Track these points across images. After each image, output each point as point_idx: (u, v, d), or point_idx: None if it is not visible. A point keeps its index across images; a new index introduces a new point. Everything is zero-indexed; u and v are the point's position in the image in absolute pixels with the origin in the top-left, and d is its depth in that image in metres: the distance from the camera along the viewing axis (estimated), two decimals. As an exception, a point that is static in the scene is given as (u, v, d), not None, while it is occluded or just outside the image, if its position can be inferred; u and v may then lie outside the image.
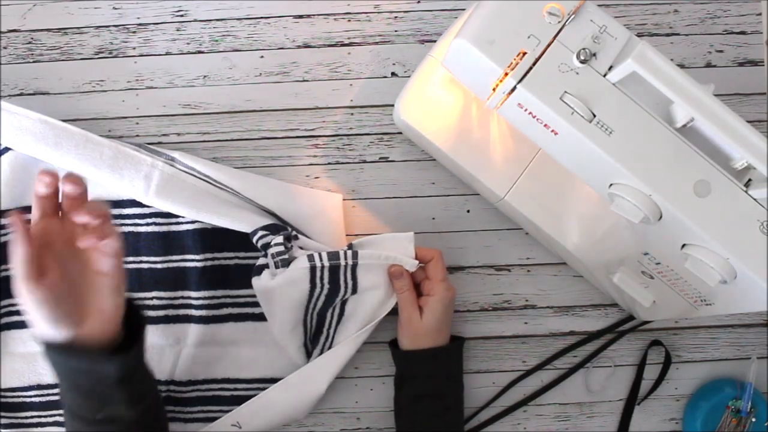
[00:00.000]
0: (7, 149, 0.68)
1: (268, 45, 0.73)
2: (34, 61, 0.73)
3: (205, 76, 0.73)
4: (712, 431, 0.69)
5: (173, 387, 0.69)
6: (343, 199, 0.70)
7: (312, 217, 0.69)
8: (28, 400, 0.68)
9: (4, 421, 0.68)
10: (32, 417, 0.68)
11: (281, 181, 0.70)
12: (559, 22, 0.49)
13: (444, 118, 0.67)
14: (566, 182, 0.67)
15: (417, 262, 0.65)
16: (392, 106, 0.72)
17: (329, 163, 0.72)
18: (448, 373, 0.66)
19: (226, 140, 0.72)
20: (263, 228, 0.64)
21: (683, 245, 0.51)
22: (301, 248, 0.66)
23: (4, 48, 0.73)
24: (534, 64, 0.49)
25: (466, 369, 0.71)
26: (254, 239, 0.65)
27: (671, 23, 0.74)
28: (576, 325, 0.72)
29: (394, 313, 0.66)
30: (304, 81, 0.73)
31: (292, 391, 0.66)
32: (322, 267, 0.63)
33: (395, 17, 0.74)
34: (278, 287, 0.63)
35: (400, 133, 0.73)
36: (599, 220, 0.65)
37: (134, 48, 0.73)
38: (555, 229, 0.67)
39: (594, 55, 0.48)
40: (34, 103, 0.72)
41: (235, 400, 0.68)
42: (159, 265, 0.69)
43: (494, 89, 0.51)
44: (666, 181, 0.48)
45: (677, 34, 0.74)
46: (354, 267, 0.64)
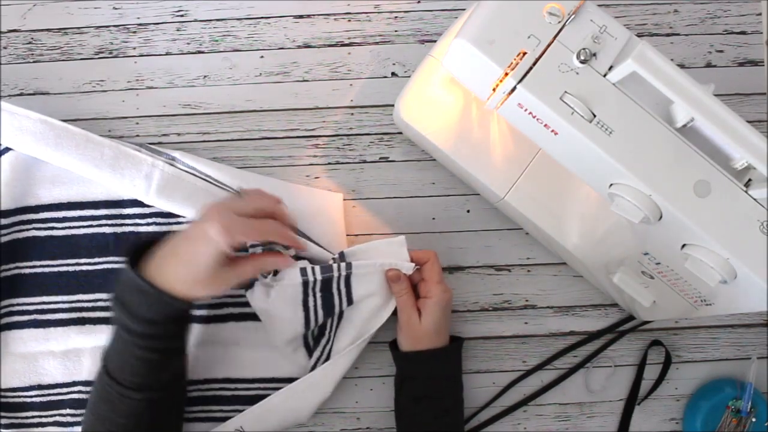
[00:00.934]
0: (7, 149, 0.68)
1: (268, 45, 0.73)
2: (34, 61, 0.73)
3: (205, 76, 0.73)
4: (712, 431, 0.69)
5: None
6: (344, 199, 0.70)
7: (312, 217, 0.69)
8: (28, 400, 0.68)
9: (4, 421, 0.68)
10: (33, 417, 0.68)
11: (282, 181, 0.70)
12: (559, 22, 0.49)
13: (444, 118, 0.67)
14: (566, 182, 0.67)
15: (413, 264, 0.65)
16: (392, 106, 0.72)
17: (329, 163, 0.73)
18: (447, 374, 0.66)
19: (227, 140, 0.72)
20: None
21: (683, 245, 0.51)
22: (295, 257, 0.65)
23: (4, 48, 0.73)
24: (534, 64, 0.49)
25: (466, 369, 0.71)
26: (247, 244, 0.65)
27: (671, 23, 0.74)
28: (576, 325, 0.72)
29: (394, 314, 0.66)
30: (304, 81, 0.73)
31: (297, 396, 0.66)
32: (315, 281, 0.63)
33: (395, 17, 0.74)
34: (272, 306, 0.64)
35: (400, 133, 0.73)
36: (599, 220, 0.65)
37: (134, 48, 0.73)
38: (555, 229, 0.67)
39: (594, 55, 0.48)
40: (34, 103, 0.72)
41: (236, 400, 0.68)
42: None
43: (494, 89, 0.51)
44: (666, 181, 0.48)
45: (677, 34, 0.74)
46: (348, 277, 0.64)
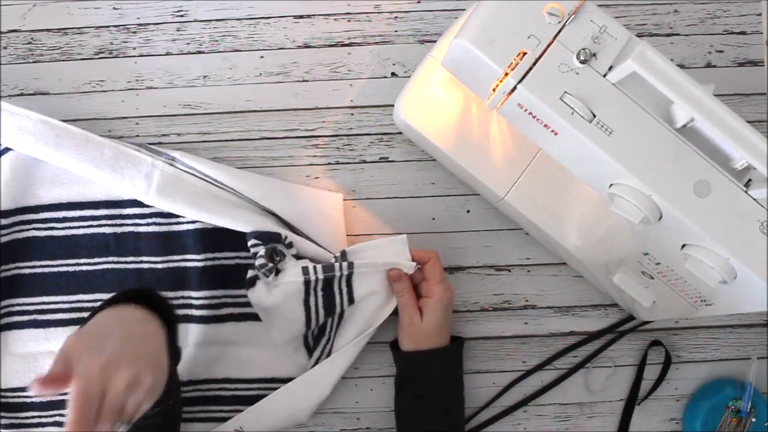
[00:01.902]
0: (7, 149, 0.68)
1: (268, 45, 0.73)
2: (34, 61, 0.73)
3: (205, 77, 0.73)
4: (712, 431, 0.69)
5: None
6: (344, 199, 0.70)
7: (312, 217, 0.69)
8: (28, 400, 0.68)
9: (4, 421, 0.68)
10: (33, 417, 0.68)
11: (282, 181, 0.70)
12: (559, 22, 0.49)
13: (444, 118, 0.67)
14: (566, 182, 0.67)
15: (414, 264, 0.65)
16: (392, 106, 0.72)
17: (329, 163, 0.72)
18: (448, 374, 0.66)
19: (227, 140, 0.72)
20: (257, 236, 0.64)
21: (683, 245, 0.51)
22: (296, 256, 0.65)
23: (4, 48, 0.73)
24: (534, 64, 0.49)
25: (466, 369, 0.71)
26: (249, 244, 0.65)
27: (671, 23, 0.74)
28: (576, 326, 0.72)
29: (394, 313, 0.66)
30: (304, 81, 0.73)
31: (296, 396, 0.66)
32: (317, 280, 0.63)
33: (395, 17, 0.74)
34: (274, 304, 0.64)
35: (400, 133, 0.73)
36: (599, 220, 0.65)
37: (134, 48, 0.73)
38: (555, 229, 0.67)
39: (594, 55, 0.48)
40: (34, 103, 0.72)
41: (236, 400, 0.68)
42: (159, 265, 0.69)
43: (494, 89, 0.51)
44: (666, 181, 0.48)
45: (677, 34, 0.74)
46: (349, 276, 0.64)
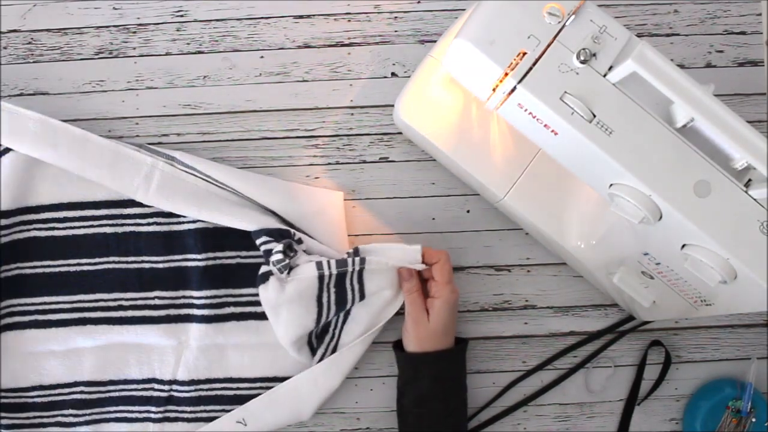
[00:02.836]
0: (7, 149, 0.68)
1: (268, 45, 0.73)
2: (34, 61, 0.73)
3: (205, 77, 0.73)
4: (712, 431, 0.69)
5: (176, 387, 0.69)
6: (344, 199, 0.70)
7: (313, 216, 0.69)
8: (29, 400, 0.68)
9: (5, 421, 0.68)
10: (34, 417, 0.68)
11: (282, 180, 0.70)
12: (559, 22, 0.49)
13: (444, 118, 0.67)
14: (566, 182, 0.67)
15: (424, 265, 0.65)
16: (392, 106, 0.72)
17: (329, 163, 0.72)
18: (452, 375, 0.66)
19: (227, 140, 0.72)
20: (267, 233, 0.64)
21: (683, 245, 0.51)
22: (305, 251, 0.66)
23: (4, 48, 0.73)
24: (534, 64, 0.49)
25: (467, 369, 0.71)
26: (257, 242, 0.65)
27: (671, 23, 0.74)
28: (576, 326, 0.72)
29: (397, 314, 0.66)
30: (304, 81, 0.73)
31: (300, 391, 0.66)
32: (330, 275, 0.63)
33: (395, 17, 0.74)
34: (287, 301, 0.63)
35: (400, 133, 0.73)
36: (599, 220, 0.65)
37: (134, 48, 0.73)
38: (555, 229, 0.67)
39: (594, 55, 0.48)
40: (34, 103, 0.72)
41: (238, 400, 0.68)
42: (160, 265, 0.69)
43: (494, 89, 0.51)
44: (666, 181, 0.48)
45: (677, 34, 0.74)
46: (361, 272, 0.64)
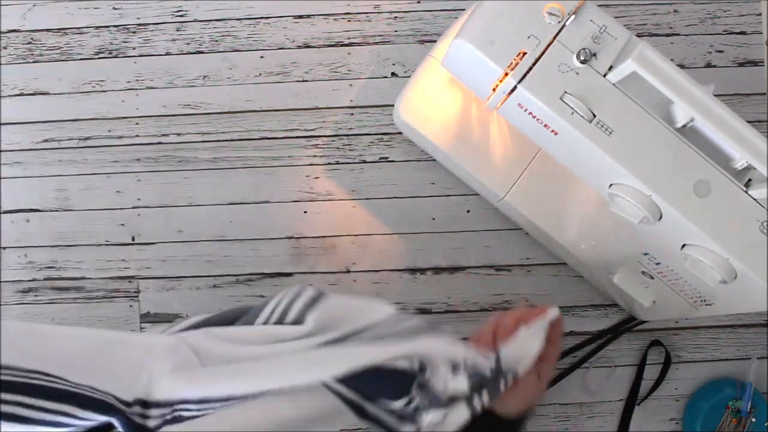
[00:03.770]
0: None
1: (268, 45, 0.73)
2: (34, 61, 0.73)
3: (205, 76, 0.73)
4: (712, 431, 0.69)
5: None
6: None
7: None
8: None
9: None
10: None
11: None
12: (559, 22, 0.49)
13: (444, 118, 0.67)
14: (566, 182, 0.67)
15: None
16: (392, 106, 0.72)
17: (329, 163, 0.73)
18: None
19: (226, 140, 0.72)
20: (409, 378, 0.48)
21: (683, 245, 0.51)
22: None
23: (4, 48, 0.73)
24: (534, 64, 0.49)
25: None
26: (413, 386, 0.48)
27: (671, 23, 0.74)
28: (576, 326, 0.72)
29: None
30: (304, 81, 0.73)
31: None
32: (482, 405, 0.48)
33: (395, 17, 0.74)
34: None
35: (400, 133, 0.73)
36: (599, 220, 0.65)
37: (134, 48, 0.73)
38: (555, 229, 0.67)
39: (594, 55, 0.48)
40: (34, 103, 0.72)
41: None
42: None
43: (494, 89, 0.51)
44: (666, 181, 0.48)
45: (677, 34, 0.74)
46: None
